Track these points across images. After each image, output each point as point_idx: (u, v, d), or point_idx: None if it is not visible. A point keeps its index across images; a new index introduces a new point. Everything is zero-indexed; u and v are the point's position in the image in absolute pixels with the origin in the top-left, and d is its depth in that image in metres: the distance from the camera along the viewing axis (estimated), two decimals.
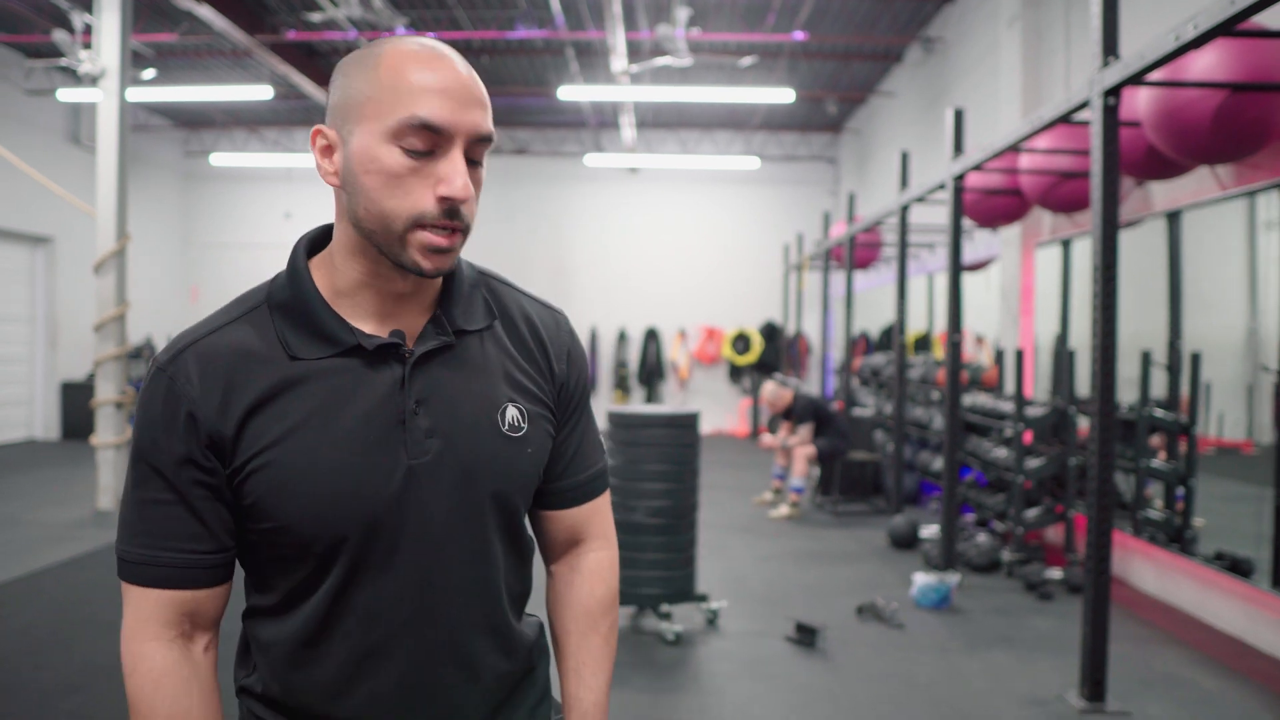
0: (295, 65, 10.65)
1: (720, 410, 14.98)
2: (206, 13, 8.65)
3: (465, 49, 11.10)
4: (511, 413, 1.11)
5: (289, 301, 1.04)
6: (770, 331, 14.70)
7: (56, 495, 8.02)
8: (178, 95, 11.52)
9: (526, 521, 1.20)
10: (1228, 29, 2.95)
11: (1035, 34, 7.05)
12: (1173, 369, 6.00)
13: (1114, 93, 3.60)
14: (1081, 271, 6.72)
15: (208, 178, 15.52)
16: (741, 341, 14.67)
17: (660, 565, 4.49)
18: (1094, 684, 3.67)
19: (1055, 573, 5.48)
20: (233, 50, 11.09)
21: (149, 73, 10.77)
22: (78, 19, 8.95)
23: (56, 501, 7.72)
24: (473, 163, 1.02)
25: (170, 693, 1.02)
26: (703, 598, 4.69)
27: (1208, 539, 5.15)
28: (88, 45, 9.05)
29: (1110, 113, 3.63)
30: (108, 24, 7.22)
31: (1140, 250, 6.04)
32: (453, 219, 1.00)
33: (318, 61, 11.58)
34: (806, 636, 4.38)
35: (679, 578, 4.55)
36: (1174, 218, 5.97)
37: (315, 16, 8.95)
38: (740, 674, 4.02)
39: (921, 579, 5.07)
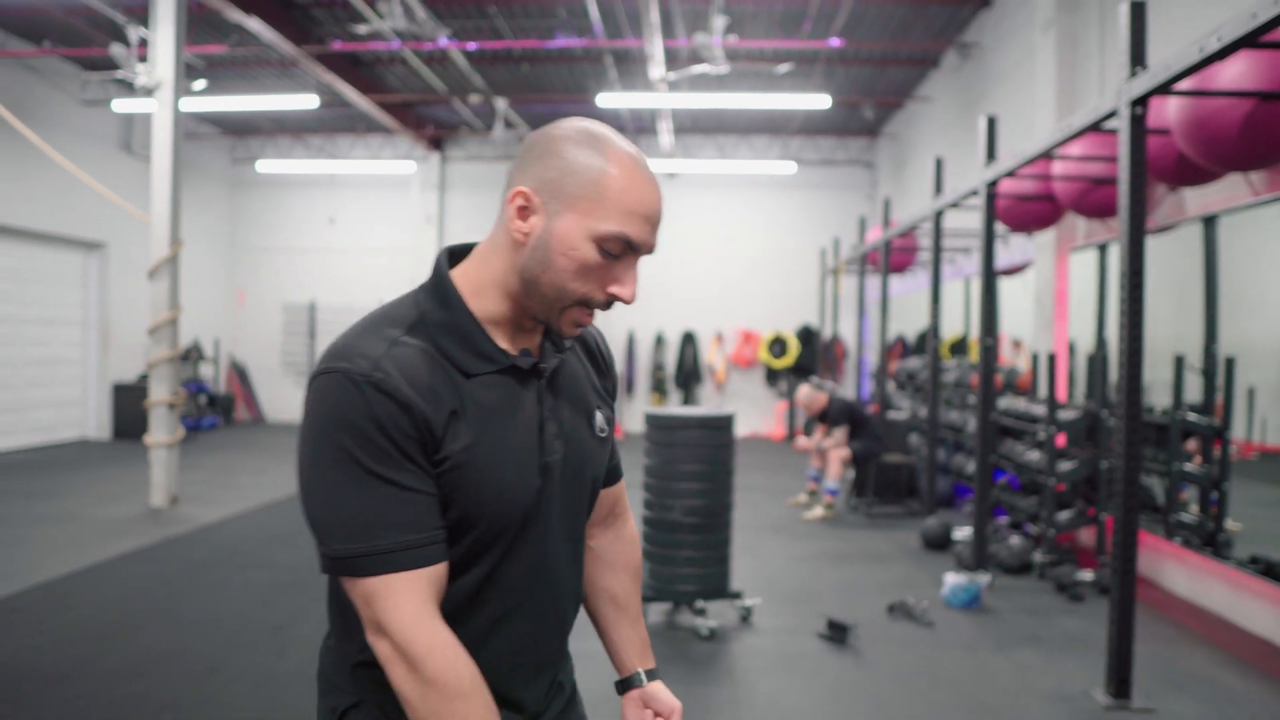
0: (340, 74, 10.93)
1: (756, 413, 15.06)
2: (256, 25, 8.93)
3: (506, 57, 11.32)
4: (599, 417, 1.35)
5: (448, 323, 1.18)
6: (806, 335, 14.76)
7: (111, 493, 8.31)
8: (227, 105, 11.82)
9: None
10: (1251, 41, 3.03)
11: (1070, 40, 7.08)
12: (1208, 373, 6.02)
13: (1141, 102, 3.68)
14: (1116, 276, 6.75)
15: (253, 184, 15.88)
16: (778, 345, 14.74)
17: (695, 563, 4.62)
18: (1119, 682, 3.74)
19: (1086, 574, 5.53)
20: (279, 61, 11.39)
21: (200, 83, 11.10)
22: (133, 33, 9.26)
23: (112, 499, 8.00)
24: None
25: (466, 661, 1.13)
26: (737, 595, 4.81)
27: (1243, 543, 5.16)
28: (143, 58, 9.37)
29: (1138, 121, 3.71)
30: (162, 38, 7.50)
31: (1180, 255, 6.07)
32: (606, 308, 1.20)
33: (361, 70, 11.86)
34: (838, 633, 4.48)
35: (714, 575, 4.67)
36: (1210, 222, 5.98)
37: (361, 28, 9.19)
38: (773, 668, 4.13)
39: (952, 579, 5.15)
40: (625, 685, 1.45)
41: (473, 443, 1.15)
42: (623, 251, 1.15)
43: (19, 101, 9.23)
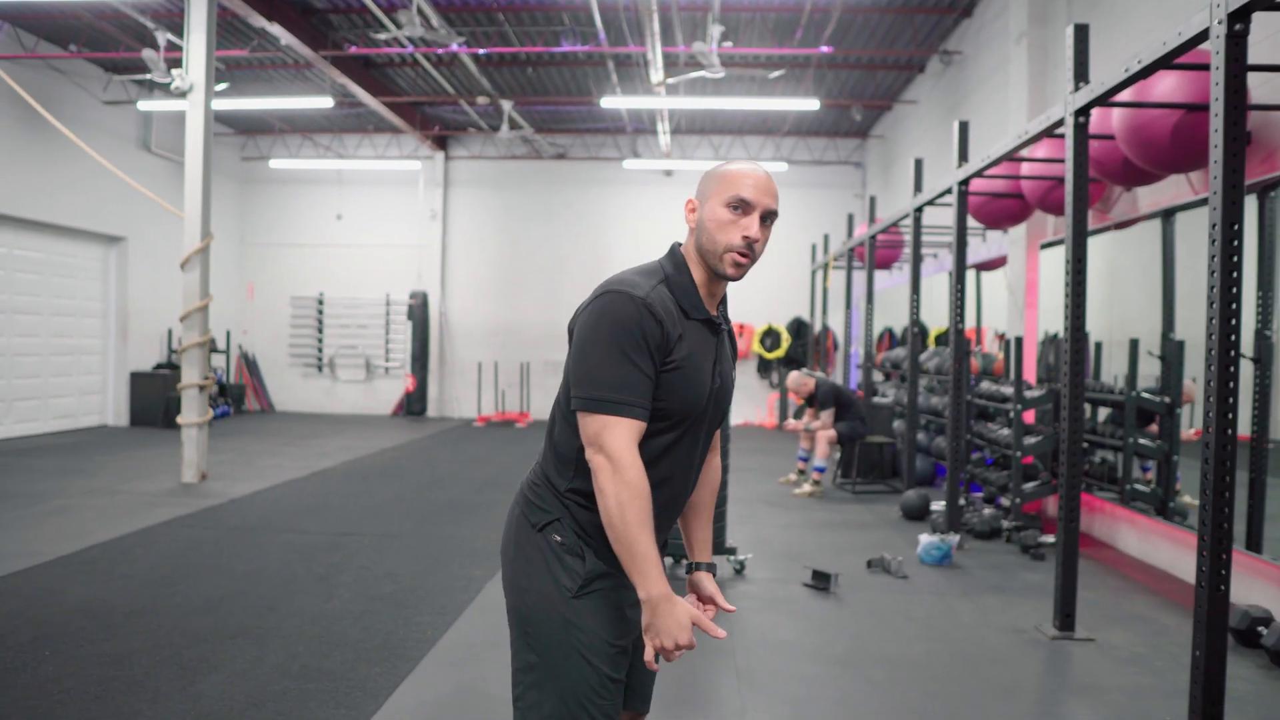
0: (352, 76, 11.47)
1: (750, 403, 15.64)
2: (277, 30, 9.46)
3: (513, 61, 11.86)
4: (733, 372, 1.98)
5: (680, 282, 1.82)
6: (798, 328, 15.33)
7: (142, 471, 8.84)
8: (246, 105, 12.33)
9: None
10: (1165, 64, 3.59)
11: (1041, 50, 7.66)
12: (1165, 359, 6.61)
13: (1084, 112, 4.25)
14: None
15: (263, 180, 16.40)
16: (770, 337, 15.31)
17: None
18: (1065, 615, 4.31)
19: (1049, 538, 6.10)
20: (295, 63, 11.92)
21: (220, 85, 11.61)
22: (160, 37, 9.79)
23: (144, 476, 8.53)
24: (763, 224, 1.81)
25: (645, 481, 1.69)
26: (732, 550, 5.37)
27: (1194, 513, 5.74)
28: (169, 62, 9.90)
29: (1081, 129, 4.28)
30: (195, 44, 8.04)
31: (1151, 248, 6.65)
32: (747, 249, 1.80)
33: (373, 72, 12.39)
34: (821, 582, 5.05)
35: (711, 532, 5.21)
36: (1169, 218, 6.58)
37: (381, 36, 9.73)
38: (763, 609, 4.69)
39: (926, 538, 5.72)
40: (689, 569, 2.05)
41: (685, 358, 1.75)
42: (741, 205, 1.78)
43: (44, 101, 9.72)
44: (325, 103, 11.35)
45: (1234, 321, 3.15)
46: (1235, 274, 3.14)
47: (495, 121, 14.16)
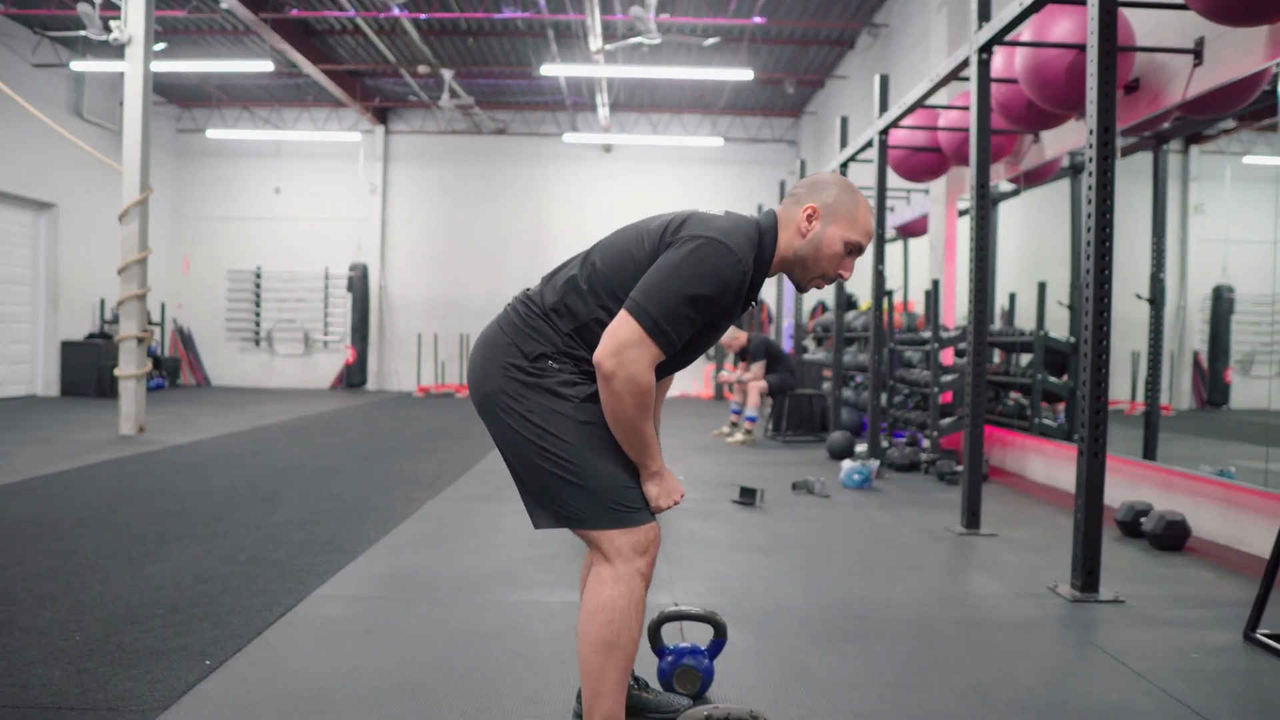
0: (293, 43, 11.48)
1: (686, 376, 15.95)
2: None
3: (454, 30, 11.98)
4: None
5: (762, 262, 1.97)
6: None
7: (77, 428, 8.83)
8: (184, 67, 12.25)
9: None
10: None
11: (960, 18, 8.04)
12: (1073, 307, 7.05)
13: (987, 49, 4.57)
14: (1002, 220, 7.78)
15: (199, 153, 16.24)
16: None
17: None
18: (971, 514, 4.65)
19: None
20: (233, 29, 11.88)
21: (158, 46, 11.52)
22: None
23: (81, 430, 8.52)
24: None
25: (652, 394, 1.86)
26: None
27: None
28: (105, 18, 9.82)
29: (984, 65, 4.60)
30: None
31: (1061, 205, 7.07)
32: (832, 282, 2.03)
33: (314, 40, 12.40)
34: (748, 497, 5.33)
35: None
36: (1076, 175, 7.01)
37: None
38: (692, 519, 4.95)
39: (848, 464, 6.05)
40: None
41: (719, 319, 1.92)
42: (856, 251, 2.00)
43: None
44: (265, 66, 11.35)
45: (1108, 244, 3.49)
46: (1108, 200, 3.50)
47: (436, 94, 14.25)
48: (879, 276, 6.68)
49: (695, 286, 1.82)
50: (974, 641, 2.98)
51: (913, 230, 10.03)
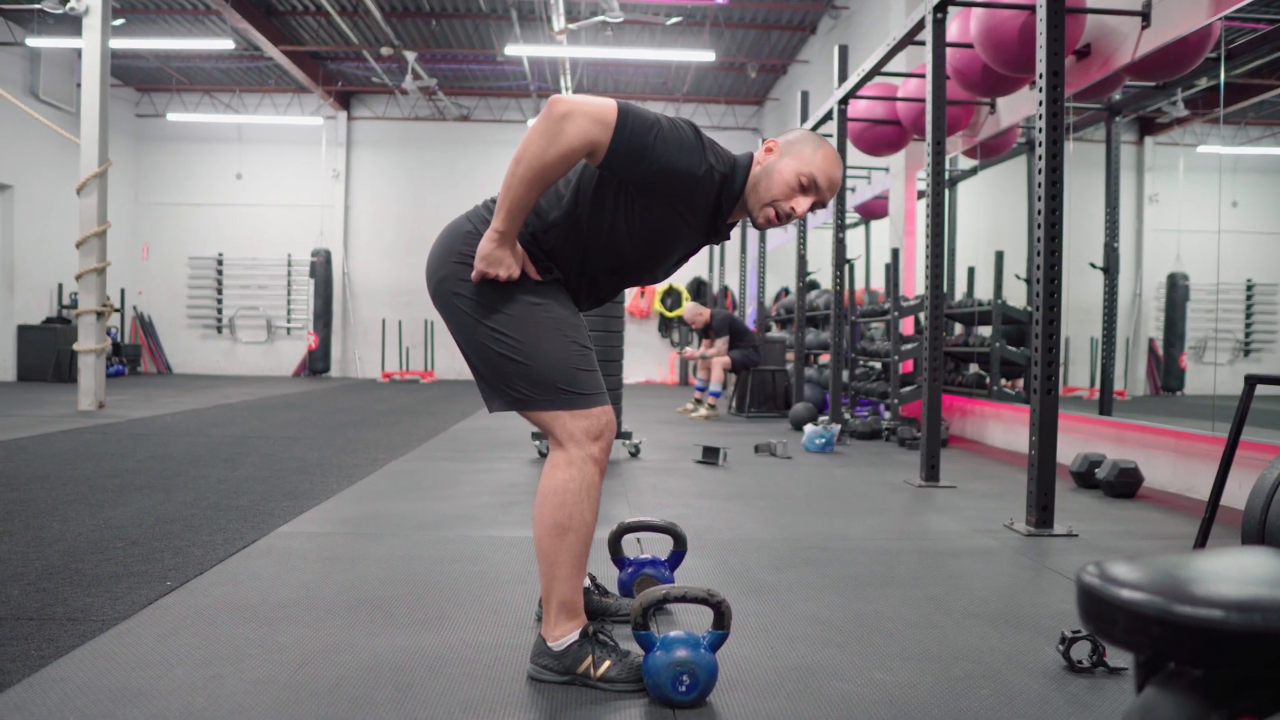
0: (254, 23, 11.37)
1: (651, 362, 16.01)
2: None
3: (418, 11, 11.93)
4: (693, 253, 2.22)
5: (732, 183, 1.96)
6: (698, 287, 15.76)
7: (35, 405, 8.70)
8: (143, 45, 12.10)
9: None
10: None
11: None
12: (1029, 281, 7.17)
13: (941, 8, 4.66)
14: (961, 202, 7.92)
15: (159, 138, 16.03)
16: (671, 296, 15.71)
17: None
18: (930, 468, 4.73)
19: None
20: (194, 8, 11.75)
21: (117, 22, 11.37)
22: None
23: (40, 408, 8.40)
24: (810, 209, 2.02)
25: (560, 165, 1.79)
26: (627, 434, 5.66)
27: None
28: None
29: (939, 25, 4.69)
30: None
31: (1018, 180, 7.19)
32: (786, 219, 2.00)
33: (275, 21, 12.29)
34: (711, 456, 5.38)
35: None
36: (1033, 151, 7.12)
37: None
38: (657, 475, 4.99)
39: (810, 428, 6.12)
40: None
41: (676, 220, 1.95)
42: (810, 189, 1.96)
43: None
44: (225, 44, 11.24)
45: (1057, 198, 3.58)
46: (1057, 156, 3.59)
47: (399, 78, 14.18)
48: (839, 245, 6.76)
49: (669, 148, 1.81)
50: (931, 566, 3.04)
51: (874, 212, 10.14)
